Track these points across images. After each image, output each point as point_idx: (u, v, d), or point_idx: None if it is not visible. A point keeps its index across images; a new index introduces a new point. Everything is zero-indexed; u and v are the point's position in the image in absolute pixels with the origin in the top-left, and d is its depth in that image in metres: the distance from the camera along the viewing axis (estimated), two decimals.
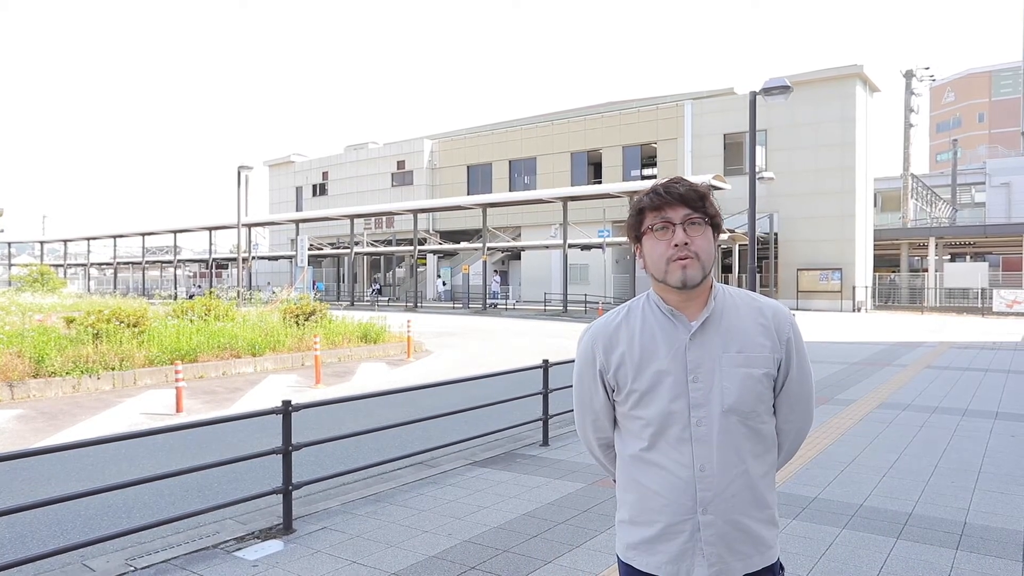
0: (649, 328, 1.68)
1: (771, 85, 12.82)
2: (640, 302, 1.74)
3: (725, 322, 1.66)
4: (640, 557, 1.66)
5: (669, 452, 1.63)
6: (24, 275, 37.22)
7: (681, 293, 1.65)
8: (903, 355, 13.97)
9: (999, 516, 4.55)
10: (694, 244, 1.61)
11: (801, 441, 1.80)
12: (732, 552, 1.60)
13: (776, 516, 1.69)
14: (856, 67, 30.23)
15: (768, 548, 1.65)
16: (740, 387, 1.62)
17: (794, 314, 15.14)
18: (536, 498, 5.04)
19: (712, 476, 1.60)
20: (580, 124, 38.13)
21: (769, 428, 1.69)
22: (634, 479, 1.69)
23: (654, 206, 1.65)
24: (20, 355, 10.26)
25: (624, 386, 1.69)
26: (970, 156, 59.84)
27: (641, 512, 1.67)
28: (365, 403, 8.49)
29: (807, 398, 1.74)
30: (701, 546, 1.59)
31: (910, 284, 34.11)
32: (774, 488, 1.71)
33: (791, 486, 5.20)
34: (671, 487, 1.62)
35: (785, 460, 1.80)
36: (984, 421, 7.59)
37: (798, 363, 1.70)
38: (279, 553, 4.04)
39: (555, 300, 32.37)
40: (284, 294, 21.70)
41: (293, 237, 41.65)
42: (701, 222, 1.63)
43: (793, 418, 1.74)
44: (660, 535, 1.63)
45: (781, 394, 1.71)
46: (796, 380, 1.70)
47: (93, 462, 6.23)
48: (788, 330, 1.69)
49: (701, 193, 1.65)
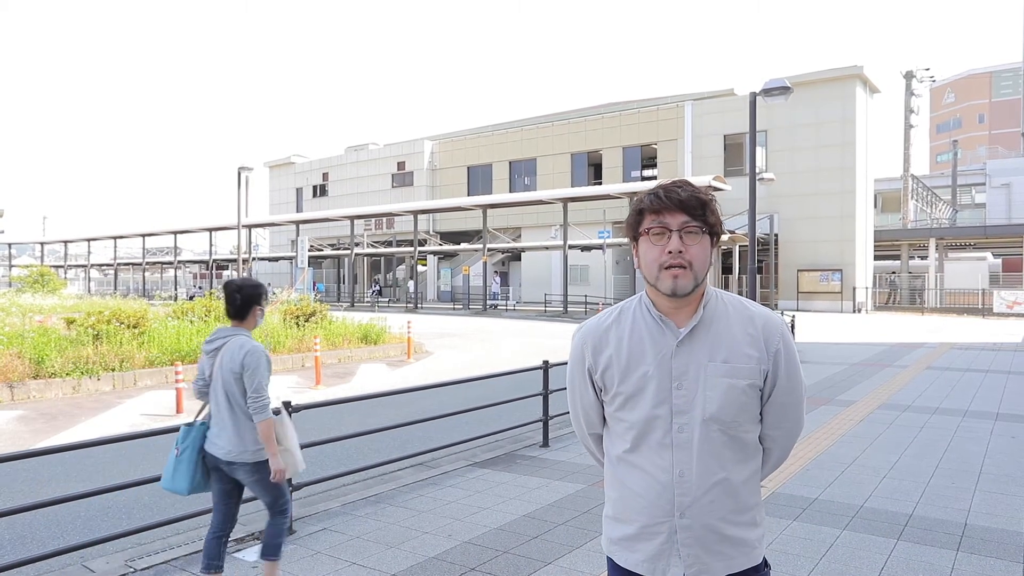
0: (638, 332, 1.68)
1: (771, 86, 12.81)
2: (632, 304, 1.75)
3: (714, 330, 1.65)
4: (620, 553, 1.70)
5: (650, 456, 1.65)
6: (24, 276, 37.22)
7: (671, 300, 1.65)
8: (904, 356, 13.97)
9: (1000, 517, 4.54)
10: (688, 253, 1.60)
11: (790, 447, 1.79)
12: (710, 553, 1.62)
13: (759, 517, 1.69)
14: (856, 68, 30.22)
15: (751, 549, 1.66)
16: (723, 397, 1.62)
17: (793, 315, 15.19)
18: (536, 499, 5.03)
19: (690, 482, 1.61)
20: (580, 125, 38.13)
21: (752, 437, 1.69)
22: (618, 478, 1.72)
23: (653, 209, 1.64)
24: (20, 356, 10.26)
25: (611, 388, 1.70)
26: (970, 157, 59.82)
27: (623, 510, 1.70)
28: (365, 404, 8.49)
29: (796, 407, 1.73)
30: (678, 548, 1.62)
31: (910, 285, 34.09)
32: (758, 491, 1.71)
33: (792, 487, 5.20)
34: (650, 490, 1.64)
35: (775, 466, 1.80)
36: (985, 422, 7.59)
37: (787, 373, 1.68)
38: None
39: (555, 301, 32.36)
40: (284, 295, 21.69)
41: (293, 238, 41.65)
42: (699, 231, 1.61)
43: (781, 426, 1.73)
44: (639, 534, 1.66)
45: (769, 403, 1.70)
46: (784, 390, 1.69)
47: (93, 463, 6.23)
48: (777, 341, 1.67)
49: (703, 200, 1.62)
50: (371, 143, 48.36)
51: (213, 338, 3.39)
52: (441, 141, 44.19)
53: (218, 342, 3.35)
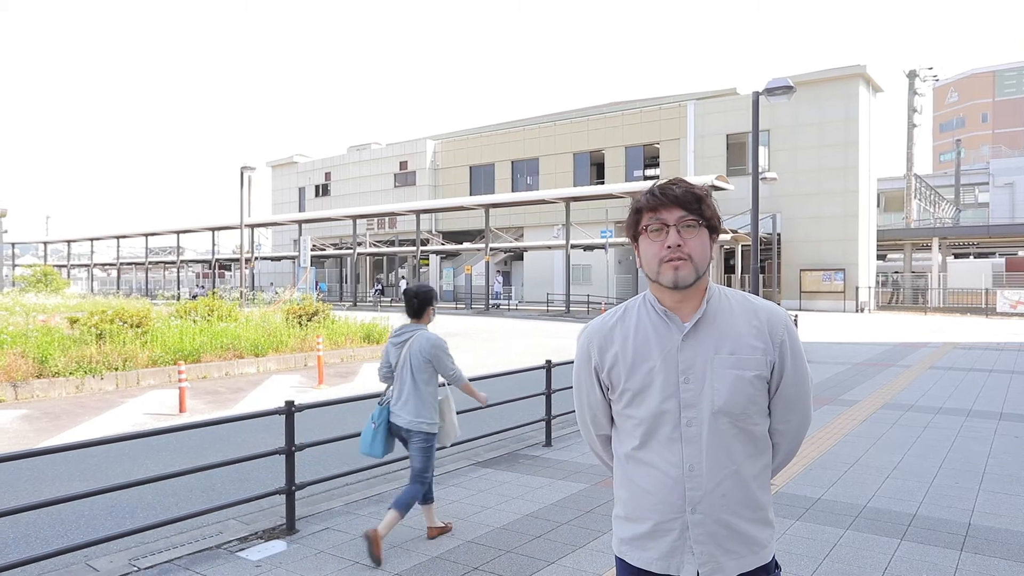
0: (643, 328, 1.70)
1: (774, 85, 12.80)
2: (637, 302, 1.76)
3: (718, 323, 1.67)
4: (632, 552, 1.69)
5: (660, 451, 1.65)
6: (28, 275, 37.30)
7: (675, 293, 1.66)
8: (907, 356, 13.94)
9: (1004, 517, 4.53)
10: (687, 246, 1.63)
11: (799, 442, 1.79)
12: (723, 551, 1.62)
13: (770, 516, 1.69)
14: (859, 67, 30.17)
15: (762, 548, 1.66)
16: (731, 389, 1.62)
17: (796, 315, 15.18)
18: (539, 499, 5.03)
19: (701, 476, 1.61)
20: (583, 124, 38.11)
21: (762, 430, 1.69)
22: (627, 477, 1.72)
23: (650, 207, 1.67)
24: (24, 355, 10.29)
25: (618, 385, 1.71)
26: (973, 156, 59.67)
27: (634, 509, 1.70)
28: (368, 403, 8.43)
29: (803, 399, 1.73)
30: (690, 544, 1.62)
31: (913, 284, 34.03)
32: (768, 489, 1.71)
33: (795, 487, 5.19)
34: (661, 486, 1.64)
35: (784, 461, 1.80)
36: (988, 422, 7.57)
37: (793, 365, 1.69)
38: (282, 553, 4.04)
39: (558, 301, 32.37)
40: (287, 294, 21.70)
41: (296, 237, 41.66)
42: (696, 224, 1.64)
43: (789, 419, 1.74)
44: (651, 532, 1.66)
45: (776, 396, 1.71)
46: (791, 382, 1.70)
47: (96, 462, 6.24)
48: (782, 332, 1.68)
49: (698, 195, 1.66)
50: (373, 143, 48.35)
51: (400, 332, 4.28)
52: (443, 141, 44.19)
53: (405, 335, 4.24)
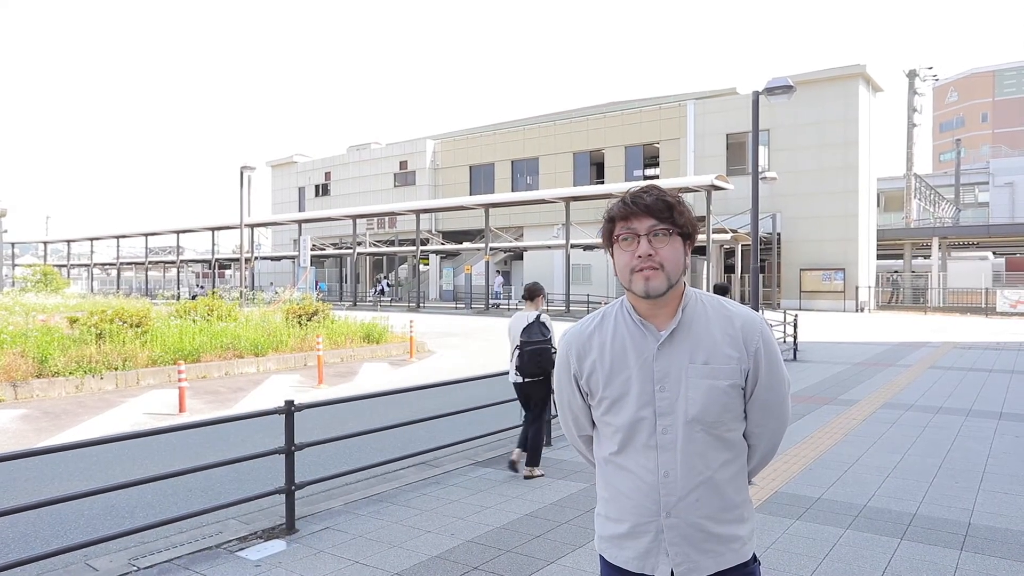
0: (620, 337, 1.71)
1: (774, 85, 12.79)
2: (615, 308, 1.78)
3: (694, 332, 1.67)
4: (611, 551, 1.73)
5: (636, 457, 1.67)
6: (28, 275, 37.29)
7: (649, 302, 1.67)
8: (906, 355, 13.94)
9: (1004, 517, 4.53)
10: (659, 255, 1.63)
11: (776, 444, 1.80)
12: (698, 551, 1.64)
13: (746, 514, 1.71)
14: (859, 67, 30.16)
15: (741, 545, 1.68)
16: (705, 398, 1.63)
17: (796, 315, 15.15)
18: (538, 498, 5.03)
19: (675, 482, 1.63)
20: (582, 124, 38.10)
21: (736, 435, 1.71)
22: (607, 479, 1.75)
23: (621, 215, 1.67)
24: (24, 355, 10.28)
25: (596, 392, 1.73)
26: (973, 156, 59.63)
27: (613, 510, 1.73)
28: (368, 403, 8.49)
29: (779, 404, 1.74)
30: (665, 546, 1.65)
31: (913, 284, 34.03)
32: (745, 488, 1.73)
33: (794, 486, 5.19)
34: (637, 490, 1.67)
35: (762, 463, 1.81)
36: (988, 421, 7.57)
37: (768, 371, 1.70)
38: (282, 553, 4.04)
39: (558, 300, 32.33)
40: (287, 294, 21.70)
41: (296, 237, 41.65)
42: (667, 233, 1.64)
43: (766, 423, 1.74)
44: (628, 533, 1.69)
45: (752, 401, 1.71)
46: (766, 387, 1.70)
47: (96, 462, 6.24)
48: (757, 340, 1.69)
49: (669, 203, 1.65)
50: (373, 142, 48.34)
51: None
52: (443, 140, 44.18)
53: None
